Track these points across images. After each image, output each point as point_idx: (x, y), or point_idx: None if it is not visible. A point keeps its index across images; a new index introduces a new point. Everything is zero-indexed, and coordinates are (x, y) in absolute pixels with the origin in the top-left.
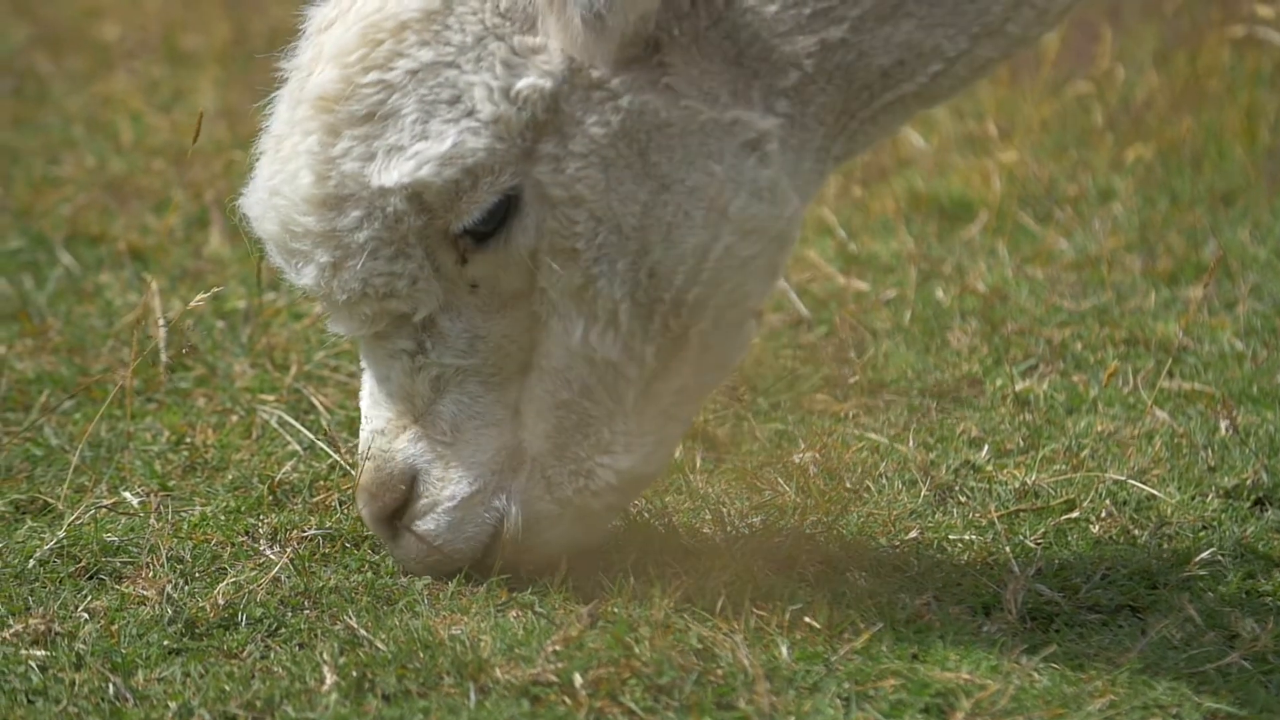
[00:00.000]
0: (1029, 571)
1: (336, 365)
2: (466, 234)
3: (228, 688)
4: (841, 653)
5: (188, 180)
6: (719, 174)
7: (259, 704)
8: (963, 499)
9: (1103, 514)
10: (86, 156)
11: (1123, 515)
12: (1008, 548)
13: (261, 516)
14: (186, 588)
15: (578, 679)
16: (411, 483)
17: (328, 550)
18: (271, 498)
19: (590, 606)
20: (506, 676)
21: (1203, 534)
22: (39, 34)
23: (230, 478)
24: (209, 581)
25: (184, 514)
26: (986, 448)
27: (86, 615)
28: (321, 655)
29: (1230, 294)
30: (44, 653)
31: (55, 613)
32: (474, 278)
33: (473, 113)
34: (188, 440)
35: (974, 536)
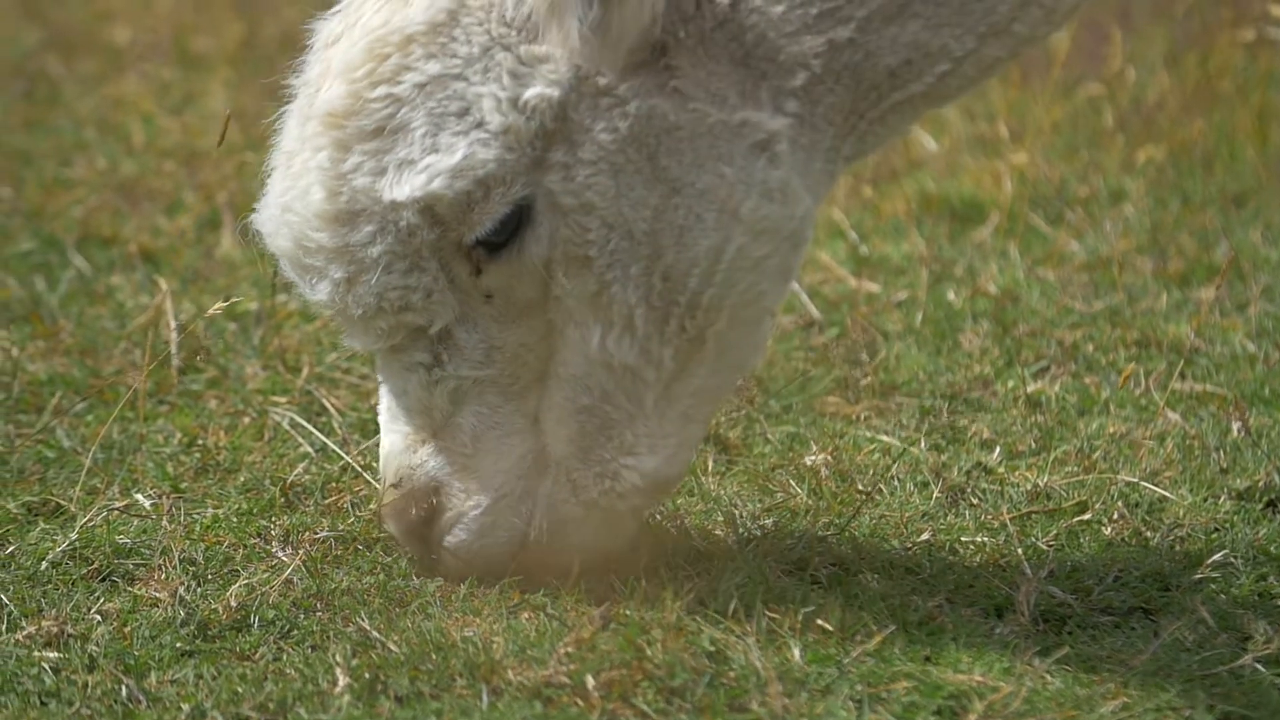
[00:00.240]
0: (1041, 573)
1: (348, 367)
2: (480, 245)
3: (240, 690)
4: (854, 655)
5: (199, 182)
6: (729, 176)
7: (271, 706)
8: (975, 501)
9: (1115, 516)
10: (98, 159)
11: (1135, 517)
12: (1020, 550)
13: (274, 518)
14: (199, 590)
15: (590, 681)
16: (435, 496)
17: (340, 552)
18: (284, 500)
19: (602, 608)
20: (519, 678)
21: (1215, 536)
22: (50, 37)
23: (242, 480)
24: (221, 583)
25: (196, 516)
26: (998, 449)
27: (99, 617)
28: (334, 657)
29: (1242, 295)
30: (57, 655)
31: (68, 615)
32: (488, 288)
33: (482, 124)
34: (200, 442)
35: (986, 538)
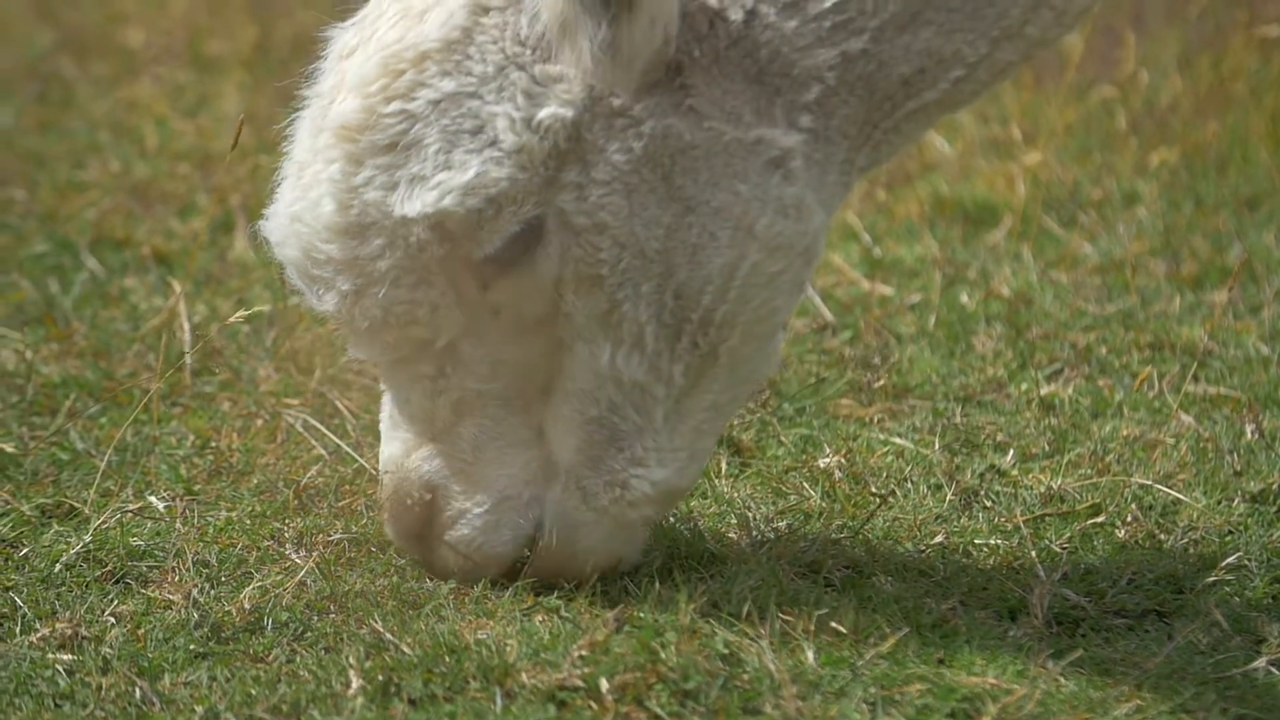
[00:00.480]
0: (1055, 576)
1: (361, 370)
2: (489, 262)
3: (254, 692)
4: (867, 657)
5: (212, 185)
6: (745, 193)
7: (285, 708)
8: (988, 503)
9: (1128, 518)
10: (112, 161)
11: (1148, 520)
12: (1033, 552)
13: (287, 521)
14: (212, 592)
15: (604, 684)
16: (432, 496)
17: (353, 554)
18: (297, 502)
19: (616, 611)
20: (532, 681)
21: (1229, 538)
22: (64, 39)
23: (255, 482)
24: (235, 586)
25: (209, 518)
26: (1012, 452)
27: (113, 619)
28: (347, 659)
29: (1255, 298)
30: (71, 657)
31: (82, 617)
32: (496, 304)
33: (495, 142)
34: (213, 445)
35: (1000, 541)
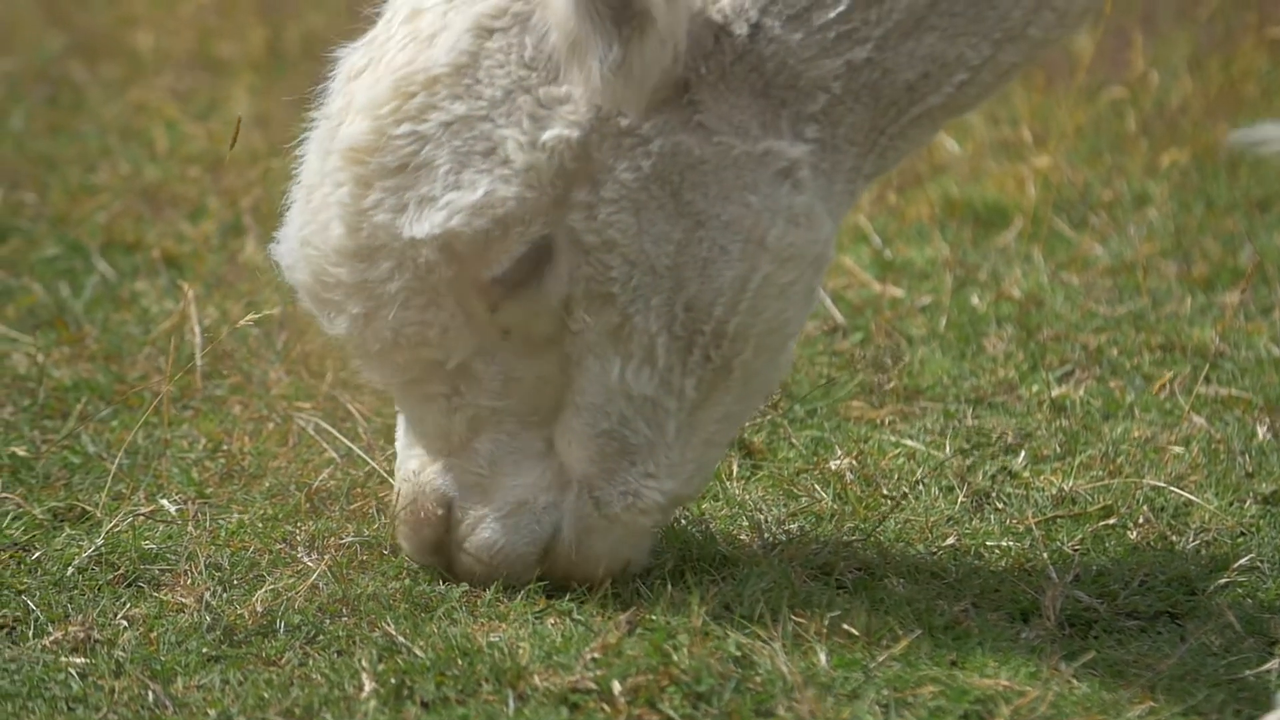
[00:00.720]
0: (1067, 578)
1: None
2: (497, 283)
3: (266, 695)
4: (880, 659)
5: (223, 188)
6: (755, 205)
7: (298, 711)
8: (1000, 505)
9: (1140, 520)
10: (122, 164)
11: (1160, 521)
12: (1045, 554)
13: (299, 524)
14: (225, 595)
15: (616, 686)
16: (448, 509)
17: (365, 557)
18: (309, 505)
19: (628, 614)
20: (545, 684)
21: (1241, 540)
22: (74, 42)
23: (267, 485)
24: (247, 589)
25: (222, 521)
26: (1023, 454)
27: (125, 623)
28: (360, 662)
29: (1267, 299)
30: (83, 660)
31: (94, 620)
32: (506, 324)
33: (505, 162)
34: (225, 448)
35: (1011, 543)
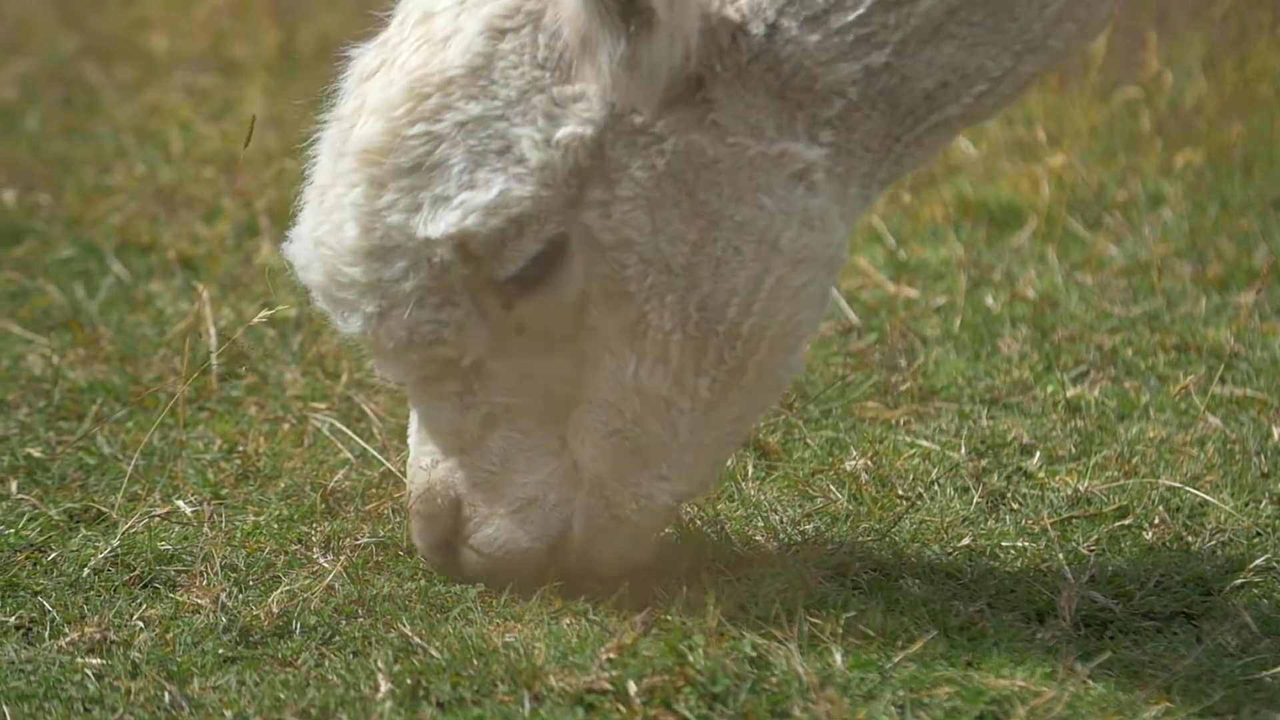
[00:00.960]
0: (1082, 578)
1: None
2: (512, 281)
3: (282, 696)
4: (896, 660)
5: (238, 189)
6: (769, 206)
7: (314, 712)
8: (1015, 506)
9: (1156, 520)
10: (137, 165)
11: (1176, 522)
12: (1061, 555)
13: (314, 525)
14: (240, 596)
15: (632, 687)
16: (457, 506)
17: (381, 558)
18: (324, 506)
19: (644, 614)
20: (560, 684)
21: (1257, 540)
22: (88, 44)
23: (283, 486)
24: (263, 590)
25: (237, 522)
26: (1038, 454)
27: (141, 624)
28: (376, 663)
29: None
30: (100, 661)
31: (110, 621)
32: (521, 322)
33: (520, 161)
34: (240, 449)
35: (1027, 543)
